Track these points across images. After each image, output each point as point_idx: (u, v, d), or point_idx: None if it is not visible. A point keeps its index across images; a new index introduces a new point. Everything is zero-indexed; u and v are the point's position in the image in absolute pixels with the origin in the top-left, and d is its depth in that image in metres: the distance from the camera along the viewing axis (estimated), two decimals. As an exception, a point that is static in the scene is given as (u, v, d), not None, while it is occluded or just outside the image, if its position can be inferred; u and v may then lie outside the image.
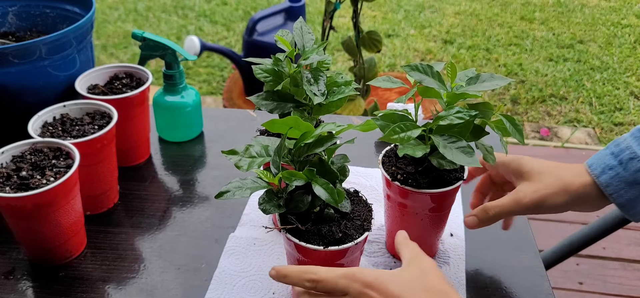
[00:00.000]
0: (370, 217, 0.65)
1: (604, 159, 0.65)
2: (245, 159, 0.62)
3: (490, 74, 0.68)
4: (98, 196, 0.85)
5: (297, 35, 0.77)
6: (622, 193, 0.64)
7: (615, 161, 0.64)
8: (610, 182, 0.64)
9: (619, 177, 0.64)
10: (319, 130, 0.61)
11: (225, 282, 0.74)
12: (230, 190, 0.60)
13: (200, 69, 3.04)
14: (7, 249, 0.80)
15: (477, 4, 3.75)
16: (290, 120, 0.60)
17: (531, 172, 0.68)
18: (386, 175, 0.71)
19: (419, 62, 0.69)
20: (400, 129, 0.66)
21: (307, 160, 0.63)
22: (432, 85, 0.67)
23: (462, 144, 0.64)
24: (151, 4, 3.74)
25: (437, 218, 0.73)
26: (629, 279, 1.72)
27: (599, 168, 0.65)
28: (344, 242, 0.61)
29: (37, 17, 1.07)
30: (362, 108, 1.79)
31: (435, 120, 0.66)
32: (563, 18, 3.54)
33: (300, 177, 0.59)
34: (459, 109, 0.66)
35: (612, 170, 0.64)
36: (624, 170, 0.63)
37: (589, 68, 3.02)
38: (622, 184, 0.63)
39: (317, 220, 0.63)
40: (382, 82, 0.73)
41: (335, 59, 3.08)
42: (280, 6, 2.47)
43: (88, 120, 0.85)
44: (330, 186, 0.59)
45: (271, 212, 0.60)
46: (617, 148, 0.65)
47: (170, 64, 0.96)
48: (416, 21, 3.54)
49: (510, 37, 3.34)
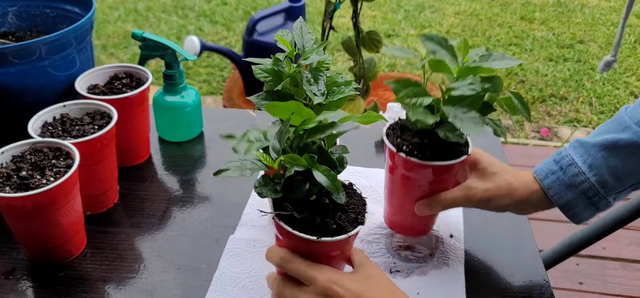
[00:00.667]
0: (365, 210, 0.64)
1: (548, 165, 0.75)
2: (244, 143, 0.62)
3: (501, 54, 0.68)
4: (98, 196, 0.85)
5: (297, 35, 0.77)
6: (561, 195, 0.73)
7: (557, 167, 0.74)
8: (552, 185, 0.73)
9: (559, 181, 0.73)
10: (320, 117, 0.60)
11: (225, 284, 0.74)
12: (229, 168, 0.59)
13: (200, 69, 3.04)
14: (7, 249, 0.80)
15: (477, 4, 3.75)
16: (292, 105, 0.59)
17: (486, 171, 0.75)
18: (391, 147, 0.71)
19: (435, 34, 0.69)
20: (413, 93, 0.67)
21: (306, 148, 0.62)
22: (445, 58, 0.66)
23: (473, 114, 0.64)
24: (151, 4, 3.74)
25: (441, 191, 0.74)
26: (629, 279, 1.72)
27: (543, 173, 0.74)
28: (338, 233, 0.60)
29: (37, 17, 1.07)
30: (362, 108, 1.79)
31: (446, 91, 0.67)
32: (563, 18, 3.54)
33: (301, 163, 0.59)
34: (472, 80, 0.65)
35: (554, 175, 0.73)
36: (564, 175, 0.73)
37: (589, 68, 3.02)
38: (562, 187, 0.73)
39: (312, 210, 0.62)
40: (394, 51, 0.71)
41: (335, 59, 3.08)
42: (280, 6, 2.47)
43: (88, 120, 0.85)
44: (332, 173, 0.59)
45: (267, 195, 0.60)
46: (559, 156, 0.74)
47: (170, 64, 0.96)
48: (416, 21, 3.54)
49: (510, 37, 3.34)
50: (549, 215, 1.98)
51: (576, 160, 0.73)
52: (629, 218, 1.35)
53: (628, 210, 1.34)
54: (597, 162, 0.71)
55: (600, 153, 0.71)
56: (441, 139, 0.68)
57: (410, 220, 0.77)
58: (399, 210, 0.78)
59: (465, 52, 0.68)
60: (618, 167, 0.71)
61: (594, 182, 0.71)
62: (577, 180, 0.72)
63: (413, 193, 0.74)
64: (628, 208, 1.34)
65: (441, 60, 0.66)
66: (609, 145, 0.71)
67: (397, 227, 0.81)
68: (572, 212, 0.74)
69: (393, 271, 0.76)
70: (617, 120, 0.73)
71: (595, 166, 0.71)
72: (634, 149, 0.70)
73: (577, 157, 0.73)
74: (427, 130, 0.70)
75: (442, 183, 0.73)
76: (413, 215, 0.75)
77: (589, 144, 0.73)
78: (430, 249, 0.80)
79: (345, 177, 0.93)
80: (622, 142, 0.70)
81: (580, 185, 0.72)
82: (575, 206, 0.73)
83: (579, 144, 0.74)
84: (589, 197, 0.72)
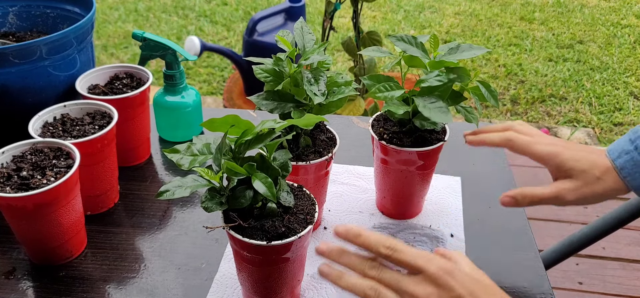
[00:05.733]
0: (314, 210, 0.65)
1: (621, 144, 0.69)
2: (187, 157, 0.63)
3: (469, 45, 0.75)
4: (98, 196, 0.85)
5: (297, 35, 0.77)
6: (636, 176, 0.67)
7: (632, 146, 0.68)
8: (625, 165, 0.67)
9: (633, 161, 0.67)
10: (259, 127, 0.61)
11: (226, 285, 0.74)
12: (169, 190, 0.60)
13: (201, 69, 3.04)
14: (8, 249, 0.80)
15: (477, 4, 3.75)
16: (230, 118, 0.60)
17: (573, 171, 0.69)
18: (373, 134, 0.79)
19: (404, 34, 0.76)
20: (385, 88, 0.74)
21: (250, 158, 0.63)
22: (416, 54, 0.74)
23: (440, 104, 0.71)
24: (151, 4, 3.74)
25: (420, 177, 0.80)
26: (629, 279, 1.72)
27: (616, 153, 0.69)
28: (287, 236, 0.61)
29: (38, 17, 1.07)
30: (362, 108, 1.79)
31: (417, 83, 0.73)
32: (563, 18, 3.54)
33: (240, 172, 0.60)
34: (438, 72, 0.73)
35: (627, 155, 0.67)
36: (639, 155, 0.66)
37: (589, 68, 3.02)
38: (637, 167, 0.67)
39: (261, 216, 0.63)
40: (372, 52, 0.78)
41: (335, 59, 3.08)
42: (281, 6, 2.47)
43: (88, 120, 0.85)
44: (269, 180, 0.60)
45: (213, 209, 0.61)
46: (635, 134, 0.68)
47: (171, 64, 0.96)
48: (416, 21, 3.54)
49: (510, 37, 3.34)
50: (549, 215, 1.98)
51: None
52: (629, 218, 1.35)
53: (628, 210, 1.34)
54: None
55: None
56: (418, 128, 0.77)
57: (395, 202, 0.84)
58: (385, 194, 0.84)
59: (436, 46, 0.76)
60: None
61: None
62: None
63: (395, 177, 0.80)
64: (628, 208, 1.34)
65: (415, 56, 0.74)
66: None
67: (386, 210, 0.86)
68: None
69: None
70: None
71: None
72: None
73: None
74: (406, 120, 0.78)
75: (424, 168, 0.79)
76: (398, 198, 0.83)
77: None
78: (431, 249, 0.80)
79: (346, 177, 0.94)
80: None
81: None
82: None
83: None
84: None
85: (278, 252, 0.62)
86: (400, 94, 0.74)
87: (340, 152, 0.98)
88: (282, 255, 0.63)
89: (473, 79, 0.76)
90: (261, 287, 0.66)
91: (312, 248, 0.79)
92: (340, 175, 0.94)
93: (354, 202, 0.89)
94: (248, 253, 0.62)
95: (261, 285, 0.66)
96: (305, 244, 0.65)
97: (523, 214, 0.86)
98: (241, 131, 0.61)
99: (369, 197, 0.89)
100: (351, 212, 0.87)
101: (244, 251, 0.63)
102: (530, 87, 2.85)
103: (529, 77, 2.95)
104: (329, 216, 0.86)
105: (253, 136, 0.61)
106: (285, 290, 0.67)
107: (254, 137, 0.62)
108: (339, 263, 0.58)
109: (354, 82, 0.75)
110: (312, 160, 0.74)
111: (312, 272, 0.76)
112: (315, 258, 0.78)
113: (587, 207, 1.95)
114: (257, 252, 0.62)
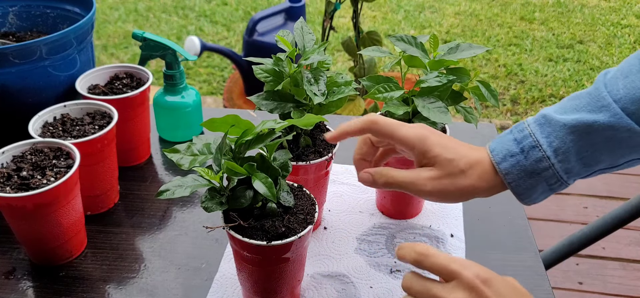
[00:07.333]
0: (314, 210, 0.65)
1: (505, 144, 0.62)
2: (187, 157, 0.63)
3: (468, 44, 0.75)
4: (98, 196, 0.85)
5: (297, 35, 0.77)
6: (520, 183, 0.61)
7: (517, 148, 0.61)
8: (510, 170, 0.60)
9: (519, 166, 0.60)
10: (259, 127, 0.61)
11: (226, 285, 0.74)
12: (169, 189, 0.60)
13: (201, 69, 3.04)
14: (8, 249, 0.80)
15: (477, 4, 3.75)
16: (230, 118, 0.60)
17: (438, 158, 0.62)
18: None
19: (404, 34, 0.77)
20: (384, 89, 0.75)
21: (250, 158, 0.63)
22: (416, 54, 0.74)
23: (439, 104, 0.72)
24: (151, 4, 3.74)
25: None
26: (629, 279, 1.72)
27: (500, 154, 0.61)
28: (287, 236, 0.61)
29: (38, 17, 1.07)
30: (362, 108, 1.79)
31: (417, 83, 0.73)
32: (563, 18, 3.54)
33: (240, 172, 0.60)
34: (438, 73, 0.74)
35: (513, 158, 0.60)
36: (525, 159, 0.60)
37: (589, 68, 3.02)
38: (522, 173, 0.60)
39: (261, 216, 0.63)
40: (372, 52, 0.78)
41: (335, 59, 3.08)
42: (281, 6, 2.47)
43: (88, 120, 0.85)
44: (269, 180, 0.60)
45: (213, 209, 0.61)
46: (521, 134, 0.61)
47: (171, 64, 0.96)
48: (416, 21, 3.54)
49: (510, 37, 3.34)
50: (549, 215, 1.98)
51: (541, 142, 0.60)
52: (629, 218, 1.35)
53: (628, 210, 1.35)
54: (565, 146, 0.59)
55: (570, 136, 0.59)
56: None
57: (395, 202, 0.84)
58: (385, 194, 0.85)
59: (435, 46, 0.76)
60: (588, 153, 0.59)
61: (559, 169, 0.59)
62: (540, 166, 0.60)
63: None
64: (628, 208, 1.35)
65: (415, 56, 0.74)
66: (582, 128, 0.58)
67: (386, 210, 0.86)
68: (528, 199, 0.62)
69: (393, 271, 0.76)
70: (593, 95, 0.60)
71: (562, 151, 0.59)
72: (610, 133, 0.58)
73: (542, 137, 0.60)
74: (406, 120, 0.77)
75: None
76: (398, 198, 0.83)
77: (558, 123, 0.59)
78: (431, 249, 0.80)
79: (346, 177, 0.94)
80: (597, 125, 0.58)
81: (543, 172, 0.60)
82: (532, 193, 0.61)
83: (546, 121, 0.60)
84: (550, 184, 0.61)
85: (278, 252, 0.62)
86: (400, 95, 0.74)
87: (340, 152, 0.98)
88: (282, 255, 0.63)
89: (473, 78, 0.76)
90: (261, 287, 0.66)
91: (312, 248, 0.79)
92: (340, 175, 0.94)
93: (354, 202, 0.89)
94: (248, 253, 0.62)
95: (261, 285, 0.66)
96: (305, 244, 0.65)
97: (523, 214, 0.86)
98: (241, 131, 0.61)
99: (369, 197, 0.89)
100: (351, 212, 0.87)
101: (244, 251, 0.63)
102: (531, 87, 2.85)
103: (529, 77, 2.95)
104: (329, 216, 0.86)
105: (253, 136, 0.61)
106: (285, 290, 0.67)
107: (254, 137, 0.62)
108: None
109: (353, 82, 0.75)
110: (312, 160, 0.74)
111: (312, 272, 0.76)
112: (315, 258, 0.78)
113: (587, 207, 1.95)
114: (257, 252, 0.62)
